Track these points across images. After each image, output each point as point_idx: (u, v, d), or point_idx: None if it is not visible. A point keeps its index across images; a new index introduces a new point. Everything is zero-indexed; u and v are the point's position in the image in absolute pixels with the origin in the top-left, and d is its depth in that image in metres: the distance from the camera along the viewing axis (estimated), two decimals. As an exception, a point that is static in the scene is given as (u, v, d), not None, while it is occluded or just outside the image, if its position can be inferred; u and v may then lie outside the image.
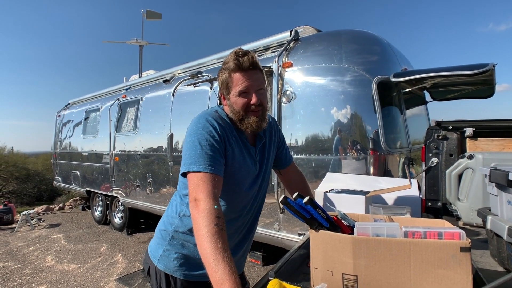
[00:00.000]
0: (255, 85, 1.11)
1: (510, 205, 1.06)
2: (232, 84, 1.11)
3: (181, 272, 1.21)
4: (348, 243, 0.78)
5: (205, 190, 0.97)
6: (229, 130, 1.14)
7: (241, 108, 1.11)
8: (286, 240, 3.13)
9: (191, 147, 1.06)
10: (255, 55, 1.13)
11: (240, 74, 1.09)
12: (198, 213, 0.93)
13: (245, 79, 1.09)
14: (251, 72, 1.10)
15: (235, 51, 1.10)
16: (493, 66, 2.52)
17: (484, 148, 2.04)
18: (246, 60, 1.08)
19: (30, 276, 3.93)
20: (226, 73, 1.11)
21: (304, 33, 3.45)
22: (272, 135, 1.32)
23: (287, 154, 1.42)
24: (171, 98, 4.52)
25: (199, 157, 1.03)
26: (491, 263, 1.15)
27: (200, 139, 1.06)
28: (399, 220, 0.94)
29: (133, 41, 9.18)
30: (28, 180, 12.02)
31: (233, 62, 1.08)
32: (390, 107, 3.16)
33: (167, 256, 1.23)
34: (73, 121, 7.46)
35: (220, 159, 1.06)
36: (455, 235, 0.72)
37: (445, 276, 0.70)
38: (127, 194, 5.37)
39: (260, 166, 1.24)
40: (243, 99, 1.11)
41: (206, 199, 0.95)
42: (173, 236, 1.22)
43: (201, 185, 0.99)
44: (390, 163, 2.91)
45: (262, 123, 1.15)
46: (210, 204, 0.93)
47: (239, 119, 1.14)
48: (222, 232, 0.88)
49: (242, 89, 1.10)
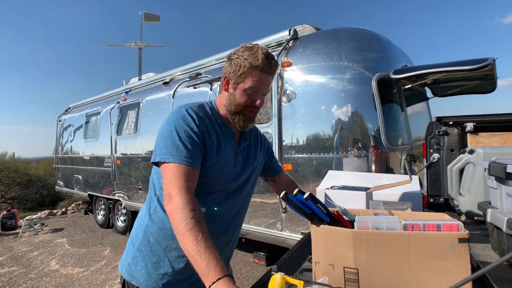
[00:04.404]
0: (264, 89, 1.13)
1: (509, 197, 1.06)
2: (247, 78, 1.09)
3: (150, 284, 1.09)
4: (349, 237, 0.79)
5: (178, 184, 0.94)
6: (211, 123, 1.11)
7: (243, 104, 1.11)
8: (289, 240, 3.13)
9: (168, 136, 1.02)
10: None
11: (260, 74, 1.09)
12: (173, 209, 0.91)
13: (261, 81, 1.10)
14: (269, 77, 1.12)
15: (266, 51, 1.09)
16: (493, 61, 2.52)
17: (485, 142, 2.04)
18: (273, 65, 1.10)
19: (35, 281, 3.95)
20: (246, 64, 1.08)
21: (303, 32, 3.46)
22: (259, 144, 1.32)
23: (277, 163, 1.46)
24: (172, 100, 4.53)
25: (176, 148, 0.99)
26: (493, 256, 1.15)
27: (178, 129, 1.02)
28: (398, 214, 0.95)
29: (132, 44, 9.22)
30: (30, 186, 12.06)
31: (261, 60, 1.07)
32: (391, 104, 3.16)
33: (135, 264, 1.12)
34: (73, 125, 7.49)
35: (198, 151, 1.03)
36: (453, 227, 0.73)
37: (445, 267, 0.71)
38: (129, 197, 5.38)
39: (243, 166, 1.21)
40: (249, 96, 1.11)
41: (179, 194, 0.92)
42: (142, 239, 1.13)
43: (174, 179, 0.95)
44: (392, 160, 2.91)
45: (250, 124, 1.17)
46: (183, 198, 0.91)
47: (234, 112, 1.13)
48: (200, 223, 0.87)
49: (254, 88, 1.10)
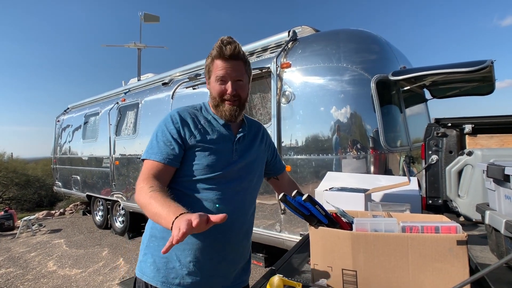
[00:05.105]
0: (233, 75, 1.13)
1: (507, 199, 1.06)
2: (212, 69, 1.14)
3: (159, 280, 1.10)
4: (347, 239, 0.78)
5: (144, 175, 1.06)
6: (197, 119, 1.17)
7: (217, 94, 1.15)
8: (287, 241, 3.12)
9: (151, 138, 1.16)
10: (240, 46, 1.14)
11: (221, 61, 1.12)
12: (136, 193, 1.04)
13: (224, 67, 1.11)
14: (232, 62, 1.12)
15: (222, 39, 1.11)
16: (491, 63, 2.52)
17: (484, 144, 2.04)
18: (229, 49, 1.10)
19: (32, 282, 3.92)
20: (209, 59, 1.14)
21: (302, 33, 3.46)
22: (260, 137, 1.32)
23: (280, 161, 1.47)
24: (171, 100, 4.52)
25: (151, 147, 1.12)
26: (491, 258, 1.15)
27: (158, 131, 1.15)
28: (397, 216, 0.94)
29: (131, 45, 9.22)
30: (28, 186, 11.99)
31: (216, 49, 1.11)
32: (390, 105, 3.16)
33: (145, 261, 1.14)
34: (72, 125, 7.47)
35: (171, 149, 1.10)
36: (452, 229, 0.73)
37: (443, 269, 0.70)
38: (128, 198, 5.37)
39: (241, 155, 1.20)
40: (219, 86, 1.14)
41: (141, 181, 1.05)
42: (150, 235, 1.16)
43: (142, 171, 1.09)
44: (391, 161, 2.91)
45: (237, 113, 1.17)
46: (143, 183, 1.03)
47: (215, 105, 1.18)
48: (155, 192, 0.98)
49: (220, 76, 1.12)
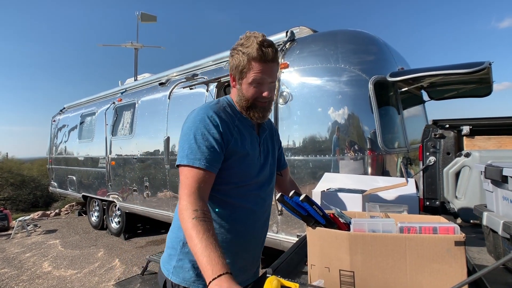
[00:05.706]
0: (269, 78, 1.10)
1: (505, 200, 1.06)
2: (248, 71, 1.07)
3: (200, 283, 1.09)
4: (345, 239, 0.78)
5: (187, 187, 0.97)
6: (231, 120, 1.11)
7: (251, 97, 1.10)
8: (284, 242, 3.11)
9: (186, 140, 1.04)
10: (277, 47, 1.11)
11: (260, 65, 1.06)
12: (179, 210, 0.95)
13: (263, 71, 1.06)
14: (271, 64, 1.08)
15: (260, 40, 1.05)
16: (489, 65, 2.53)
17: (481, 146, 2.04)
18: (270, 53, 1.06)
19: (27, 283, 3.89)
20: (245, 59, 1.06)
21: (300, 33, 3.45)
22: (273, 134, 1.33)
23: (284, 156, 1.45)
24: (167, 101, 4.51)
25: (192, 151, 1.01)
26: (488, 260, 1.15)
27: (196, 132, 1.03)
28: (395, 217, 0.94)
29: (128, 44, 9.18)
30: (23, 186, 11.92)
31: (257, 51, 1.04)
32: (387, 107, 3.16)
33: (181, 266, 1.12)
34: (68, 125, 7.42)
35: (214, 154, 1.03)
36: (450, 230, 0.72)
37: (441, 270, 0.70)
38: (124, 198, 5.34)
39: (265, 156, 1.22)
40: (255, 89, 1.09)
41: (185, 195, 0.96)
42: (184, 242, 1.11)
43: (184, 181, 0.99)
44: (388, 163, 2.91)
45: (267, 114, 1.16)
46: (187, 200, 0.95)
47: (246, 107, 1.13)
48: (202, 222, 0.90)
49: (258, 80, 1.08)
